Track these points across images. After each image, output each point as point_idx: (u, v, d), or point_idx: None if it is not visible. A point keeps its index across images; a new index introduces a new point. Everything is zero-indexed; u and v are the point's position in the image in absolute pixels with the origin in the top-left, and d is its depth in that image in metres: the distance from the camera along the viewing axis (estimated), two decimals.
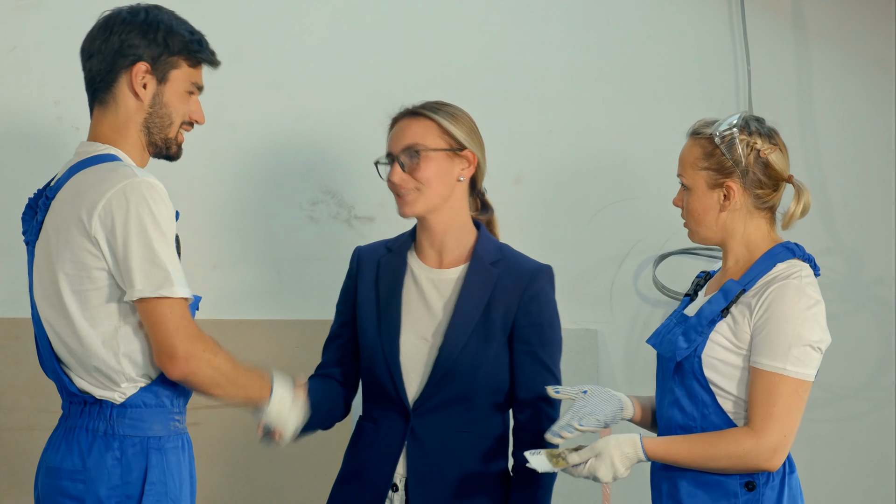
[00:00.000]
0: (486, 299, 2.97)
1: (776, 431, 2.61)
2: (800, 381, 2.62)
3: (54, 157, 3.78)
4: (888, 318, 4.19)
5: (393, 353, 2.95)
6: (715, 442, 2.64)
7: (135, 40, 2.68)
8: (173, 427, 2.67)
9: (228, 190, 3.91)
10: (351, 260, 3.13)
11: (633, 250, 4.08)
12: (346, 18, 4.00)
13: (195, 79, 2.75)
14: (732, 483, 2.66)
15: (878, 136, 4.23)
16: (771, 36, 4.18)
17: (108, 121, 2.70)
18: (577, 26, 4.11)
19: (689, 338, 2.71)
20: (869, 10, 4.22)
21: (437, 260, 3.03)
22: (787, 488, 2.68)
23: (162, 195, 2.58)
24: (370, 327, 2.99)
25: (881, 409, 4.19)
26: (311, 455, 3.80)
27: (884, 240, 4.21)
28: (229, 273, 3.89)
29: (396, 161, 2.99)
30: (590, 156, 4.10)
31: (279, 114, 3.94)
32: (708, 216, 2.74)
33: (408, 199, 2.98)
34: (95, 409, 2.62)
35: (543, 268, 3.04)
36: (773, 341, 2.62)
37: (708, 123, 2.77)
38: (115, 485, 2.59)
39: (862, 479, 4.19)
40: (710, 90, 4.14)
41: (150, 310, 2.55)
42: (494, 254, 3.03)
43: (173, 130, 2.73)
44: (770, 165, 2.73)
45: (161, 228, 2.55)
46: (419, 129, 2.98)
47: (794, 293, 2.64)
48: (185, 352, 2.55)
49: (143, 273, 2.54)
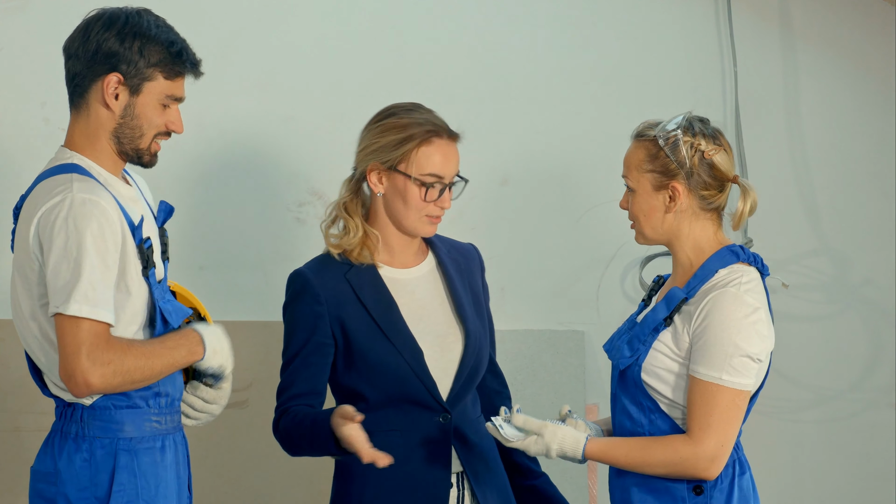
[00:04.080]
0: (467, 284, 3.01)
1: (713, 441, 2.60)
2: (737, 391, 2.60)
3: (41, 159, 3.75)
4: (875, 320, 4.19)
5: (418, 361, 2.91)
6: (652, 448, 2.64)
7: (111, 47, 2.61)
8: (149, 428, 2.64)
9: (215, 191, 3.91)
10: (304, 286, 2.93)
11: (620, 252, 4.08)
12: (332, 20, 4.00)
13: (172, 91, 2.66)
14: (680, 488, 2.65)
15: (865, 136, 4.23)
16: (758, 37, 4.18)
17: (80, 127, 2.66)
18: (564, 27, 4.11)
19: (632, 346, 2.71)
20: (856, 12, 4.22)
21: (402, 261, 3.00)
22: (736, 490, 2.66)
23: (98, 212, 2.52)
24: (378, 345, 2.91)
25: (868, 411, 4.19)
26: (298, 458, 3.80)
27: (871, 241, 4.22)
28: (216, 274, 3.89)
29: (450, 188, 2.96)
30: (577, 157, 4.11)
31: (266, 115, 3.94)
32: (653, 218, 2.73)
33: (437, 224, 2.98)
34: (69, 412, 2.62)
35: (474, 246, 3.14)
36: (710, 351, 2.60)
37: (652, 125, 2.75)
38: (83, 486, 2.58)
39: (849, 481, 4.19)
40: (697, 91, 4.14)
41: (56, 325, 2.52)
42: (441, 241, 3.07)
43: (144, 142, 2.66)
44: (715, 166, 2.70)
45: (85, 245, 2.50)
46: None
47: (731, 302, 2.61)
48: (80, 374, 2.49)
49: (54, 289, 2.51)
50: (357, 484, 2.93)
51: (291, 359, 2.93)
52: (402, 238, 2.99)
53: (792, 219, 4.21)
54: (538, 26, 4.10)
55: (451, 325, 2.97)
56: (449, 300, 2.99)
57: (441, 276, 3.01)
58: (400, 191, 2.92)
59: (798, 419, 4.16)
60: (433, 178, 2.91)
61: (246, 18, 3.94)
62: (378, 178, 2.94)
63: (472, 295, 3.02)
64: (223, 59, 3.83)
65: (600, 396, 3.94)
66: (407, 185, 2.90)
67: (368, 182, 2.95)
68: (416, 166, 2.89)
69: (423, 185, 2.90)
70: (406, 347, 2.91)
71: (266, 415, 3.65)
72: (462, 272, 3.03)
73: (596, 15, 4.12)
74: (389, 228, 2.97)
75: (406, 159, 2.90)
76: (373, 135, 2.95)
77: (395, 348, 2.91)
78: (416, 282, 3.00)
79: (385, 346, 2.91)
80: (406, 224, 2.94)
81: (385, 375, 2.91)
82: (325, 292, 2.92)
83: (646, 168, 2.71)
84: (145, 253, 2.62)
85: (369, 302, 2.93)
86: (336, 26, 3.99)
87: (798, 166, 4.20)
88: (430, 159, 2.90)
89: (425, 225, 2.94)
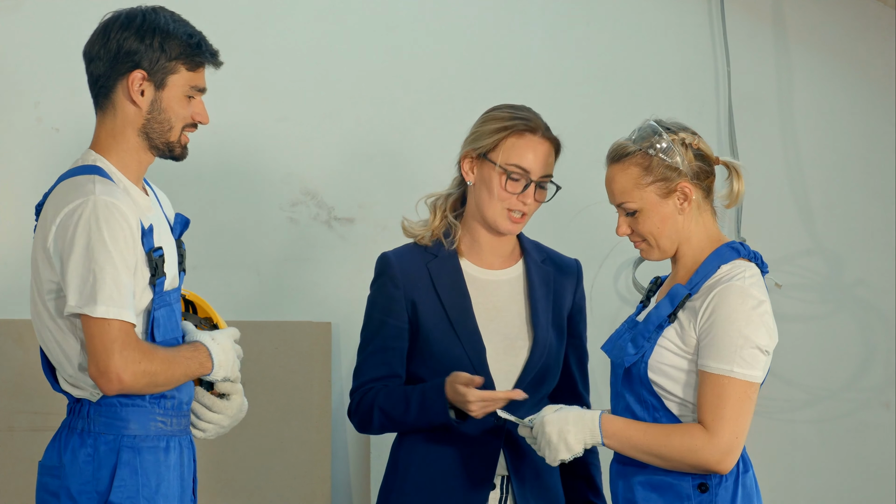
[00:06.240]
0: (551, 297, 3.03)
1: (728, 432, 2.61)
2: (748, 383, 2.62)
3: (35, 158, 3.78)
4: (868, 320, 4.20)
5: (480, 360, 2.94)
6: (671, 431, 2.64)
7: (132, 45, 2.65)
8: (154, 427, 2.66)
9: (208, 191, 3.91)
10: (384, 268, 3.02)
11: (613, 252, 4.08)
12: (326, 20, 4.00)
13: (195, 82, 2.71)
14: (685, 485, 2.66)
15: (859, 136, 4.24)
16: (751, 37, 4.19)
17: (107, 127, 2.70)
18: (557, 27, 4.11)
19: (636, 344, 2.71)
20: (849, 12, 4.23)
21: (489, 262, 3.03)
22: (740, 488, 2.67)
23: (118, 214, 2.56)
24: (445, 337, 2.96)
25: (861, 411, 4.20)
26: (291, 456, 3.80)
27: (864, 241, 4.22)
28: (209, 274, 3.89)
29: (540, 187, 3.00)
30: (569, 157, 4.09)
31: (259, 115, 3.94)
32: (668, 226, 2.73)
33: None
34: (77, 408, 2.65)
35: (578, 262, 3.15)
36: (720, 344, 2.61)
37: (624, 144, 2.75)
38: (86, 480, 2.60)
39: (843, 480, 4.19)
40: (690, 91, 4.15)
41: (84, 325, 2.56)
42: (539, 251, 3.09)
43: (174, 134, 2.72)
44: (703, 153, 2.74)
45: (107, 247, 2.54)
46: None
47: (737, 295, 2.63)
48: (114, 371, 2.54)
49: (77, 289, 2.54)
50: (399, 475, 2.98)
51: (369, 340, 3.01)
52: (492, 238, 3.02)
53: (785, 219, 4.21)
54: (531, 26, 4.10)
55: (522, 331, 2.99)
56: (526, 308, 3.01)
57: (524, 285, 3.03)
58: (486, 179, 2.96)
59: (792, 419, 4.17)
60: (517, 170, 2.94)
61: (239, 19, 3.94)
62: (470, 166, 2.99)
63: (555, 308, 3.03)
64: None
65: (592, 396, 3.93)
66: (492, 174, 2.95)
67: (462, 170, 3.00)
68: (504, 155, 2.94)
69: (506, 175, 2.94)
70: (470, 342, 2.94)
71: (259, 415, 3.66)
72: (549, 285, 3.04)
73: (589, 15, 4.13)
74: (477, 226, 3.02)
75: (497, 148, 2.95)
76: (476, 125, 3.02)
77: (459, 340, 2.95)
78: (497, 284, 3.02)
79: (450, 336, 2.95)
80: (488, 215, 2.97)
81: (445, 365, 2.94)
82: (403, 276, 2.98)
83: (645, 182, 2.72)
84: (154, 261, 2.64)
85: (444, 292, 2.97)
86: (329, 27, 4.00)
87: (791, 166, 4.20)
88: (518, 151, 2.95)
89: (506, 220, 2.97)
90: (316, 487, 3.81)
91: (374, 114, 3.99)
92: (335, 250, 3.95)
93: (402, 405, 2.92)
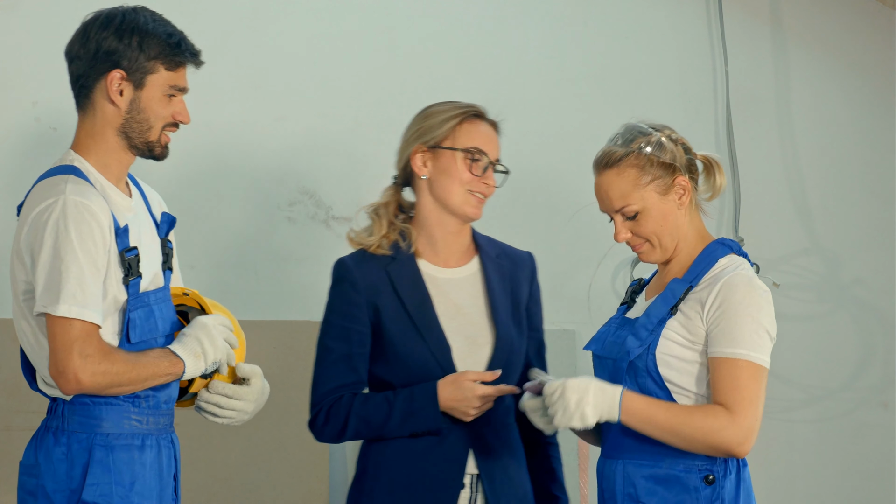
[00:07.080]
0: (509, 291, 3.03)
1: (749, 414, 2.62)
2: (759, 367, 2.63)
3: (32, 157, 3.78)
4: (866, 319, 4.20)
5: (446, 359, 2.94)
6: (692, 410, 2.64)
7: (111, 45, 2.66)
8: (128, 425, 2.65)
9: (206, 190, 3.91)
10: (343, 273, 3.00)
11: (611, 251, 4.08)
12: (325, 19, 4.00)
13: (175, 82, 2.71)
14: (692, 478, 2.67)
15: (857, 136, 4.24)
16: (749, 37, 4.19)
17: (86, 126, 2.70)
18: (555, 27, 4.11)
19: (639, 337, 2.71)
20: (846, 13, 4.23)
21: (445, 259, 3.04)
22: (742, 481, 2.70)
23: (87, 214, 2.56)
24: (409, 338, 2.96)
25: (859, 410, 4.20)
26: (289, 456, 3.80)
27: (862, 241, 4.23)
28: (207, 273, 3.89)
29: (494, 170, 3.04)
30: (567, 157, 4.11)
31: (257, 114, 3.94)
32: (670, 223, 2.75)
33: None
34: (53, 407, 2.65)
35: (531, 255, 3.14)
36: (733, 329, 2.63)
37: (613, 150, 2.76)
38: (60, 479, 2.60)
39: (840, 480, 4.20)
40: (688, 91, 4.15)
41: (47, 324, 2.56)
42: (492, 245, 3.09)
43: (154, 134, 2.71)
44: (688, 148, 2.77)
45: (74, 247, 2.54)
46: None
47: (746, 283, 2.66)
48: (72, 371, 2.54)
49: (43, 288, 2.55)
50: (369, 478, 2.97)
51: (331, 347, 2.98)
52: (448, 235, 3.02)
53: (783, 218, 4.22)
54: (528, 26, 4.11)
55: (484, 328, 2.99)
56: (486, 304, 3.01)
57: (482, 280, 3.03)
58: (445, 168, 2.97)
59: (789, 418, 4.17)
60: (478, 152, 2.97)
61: (237, 19, 3.95)
62: (423, 160, 2.99)
63: (513, 302, 3.03)
64: (215, 60, 3.81)
65: None
66: (452, 161, 2.96)
67: (413, 168, 2.99)
68: (462, 140, 2.97)
69: (468, 156, 2.96)
70: (435, 342, 2.94)
71: (257, 415, 3.65)
72: (505, 278, 3.05)
73: (587, 14, 4.13)
74: (434, 223, 3.01)
75: (452, 135, 2.97)
76: (415, 123, 3.02)
77: (423, 341, 2.94)
78: (456, 282, 3.03)
79: (415, 338, 2.95)
80: (452, 202, 2.97)
81: (411, 367, 2.95)
82: (364, 281, 2.97)
83: (644, 182, 2.73)
84: (127, 261, 2.64)
85: (405, 294, 2.97)
86: (327, 26, 4.00)
87: (789, 165, 4.21)
88: (473, 134, 2.98)
89: (470, 203, 2.97)
90: (314, 487, 3.81)
91: (372, 113, 3.99)
92: (333, 249, 3.93)
93: (384, 411, 2.91)
